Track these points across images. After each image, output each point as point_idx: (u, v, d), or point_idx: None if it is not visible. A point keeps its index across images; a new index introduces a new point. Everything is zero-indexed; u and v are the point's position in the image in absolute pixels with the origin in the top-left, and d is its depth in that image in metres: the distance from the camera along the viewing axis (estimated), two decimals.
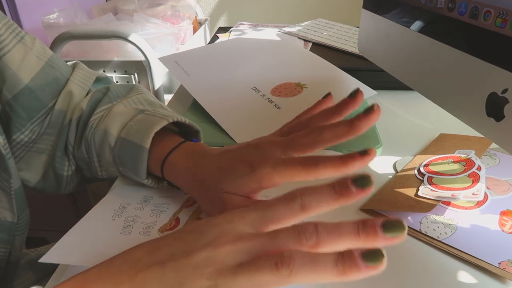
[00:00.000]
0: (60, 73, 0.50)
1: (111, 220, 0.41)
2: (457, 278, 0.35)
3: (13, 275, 0.52)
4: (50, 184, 0.51)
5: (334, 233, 0.25)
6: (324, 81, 0.65)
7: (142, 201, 0.45)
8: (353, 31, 0.90)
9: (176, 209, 0.43)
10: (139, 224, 0.41)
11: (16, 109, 0.46)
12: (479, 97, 0.37)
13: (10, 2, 1.13)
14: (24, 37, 0.47)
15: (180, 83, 0.73)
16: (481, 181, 0.42)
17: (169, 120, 0.44)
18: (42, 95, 0.48)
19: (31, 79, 0.47)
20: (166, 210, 0.43)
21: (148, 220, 0.41)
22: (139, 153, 0.42)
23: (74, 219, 0.41)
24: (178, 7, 1.28)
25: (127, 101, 0.49)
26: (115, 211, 0.43)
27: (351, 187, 0.27)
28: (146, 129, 0.42)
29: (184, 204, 0.44)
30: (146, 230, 0.40)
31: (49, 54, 0.49)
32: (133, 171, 0.43)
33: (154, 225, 0.40)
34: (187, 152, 0.42)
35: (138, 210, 0.43)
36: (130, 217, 0.42)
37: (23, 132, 0.47)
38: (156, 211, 0.43)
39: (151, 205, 0.44)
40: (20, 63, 0.46)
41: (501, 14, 0.34)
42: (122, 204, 0.44)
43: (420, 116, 0.62)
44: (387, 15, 0.52)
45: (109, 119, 0.46)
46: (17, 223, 0.48)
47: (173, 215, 0.42)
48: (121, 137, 0.44)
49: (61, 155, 0.49)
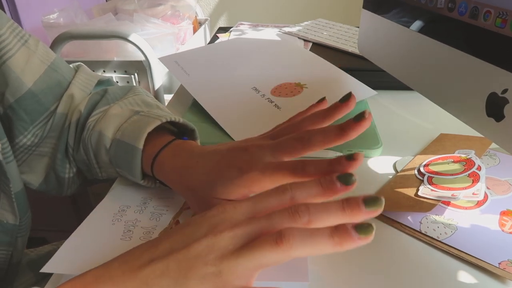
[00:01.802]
0: (63, 77, 0.50)
1: (111, 224, 0.41)
2: (457, 278, 0.35)
3: (14, 276, 0.52)
4: (52, 186, 0.51)
5: (323, 210, 0.27)
6: (324, 81, 0.65)
7: (141, 203, 0.44)
8: (353, 31, 0.90)
9: (176, 211, 0.43)
10: (139, 229, 0.40)
11: (19, 113, 0.46)
12: (479, 97, 0.37)
13: (10, 2, 1.13)
14: (28, 40, 0.47)
15: (180, 83, 0.73)
16: (481, 180, 0.42)
17: (162, 120, 0.43)
18: (44, 98, 0.48)
19: (34, 83, 0.47)
20: (166, 212, 0.43)
21: (148, 224, 0.41)
22: (133, 153, 0.42)
23: (74, 219, 0.41)
24: (178, 7, 1.28)
25: (123, 103, 0.49)
26: (114, 214, 0.43)
27: (336, 183, 0.29)
28: (140, 130, 0.43)
29: (183, 206, 0.44)
30: (146, 234, 0.40)
31: (52, 57, 0.50)
32: (129, 172, 0.43)
33: (155, 229, 0.40)
34: (175, 151, 0.42)
35: (137, 213, 0.43)
36: (130, 221, 0.42)
37: (25, 135, 0.48)
38: (156, 215, 0.43)
39: (150, 208, 0.44)
40: (23, 67, 0.46)
41: (501, 14, 0.34)
42: (121, 207, 0.44)
43: (420, 116, 0.62)
44: (387, 15, 0.52)
45: (105, 121, 0.46)
46: (19, 225, 0.48)
47: (172, 218, 0.42)
48: (116, 138, 0.44)
49: (62, 157, 0.49)
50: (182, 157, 0.40)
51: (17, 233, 0.48)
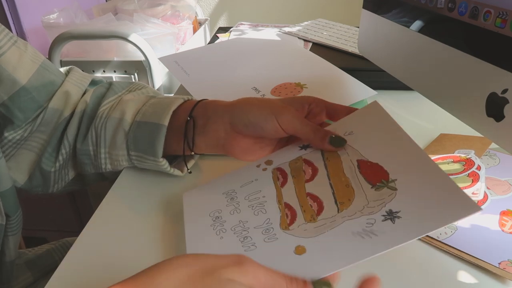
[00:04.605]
0: (55, 75, 0.50)
1: (219, 239, 0.36)
2: (457, 278, 0.35)
3: (10, 275, 0.51)
4: (37, 183, 0.51)
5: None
6: (324, 81, 0.65)
7: (229, 200, 0.40)
8: (353, 31, 0.90)
9: (273, 193, 0.39)
10: (255, 232, 0.36)
11: (13, 110, 0.46)
12: (479, 97, 0.37)
13: (10, 2, 1.13)
14: (17, 41, 0.48)
15: (180, 83, 0.73)
16: (481, 180, 0.42)
17: (185, 99, 0.47)
18: (38, 96, 0.48)
19: (28, 80, 0.47)
20: (263, 197, 0.39)
21: (259, 222, 0.37)
22: (157, 131, 0.44)
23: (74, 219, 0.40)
24: (178, 7, 1.28)
25: (136, 92, 0.51)
26: (213, 226, 0.38)
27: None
28: (163, 109, 0.45)
29: (275, 185, 0.40)
30: (267, 232, 0.36)
31: (42, 58, 0.50)
32: (148, 151, 0.45)
33: (271, 224, 0.36)
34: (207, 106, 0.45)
35: (236, 214, 0.38)
36: (236, 226, 0.37)
37: (16, 131, 0.48)
38: (256, 206, 0.38)
39: (243, 201, 0.39)
40: (15, 65, 0.46)
41: (501, 14, 0.34)
42: (213, 214, 0.39)
43: (420, 116, 0.62)
44: (387, 15, 0.52)
45: (121, 106, 0.47)
46: (10, 224, 0.48)
47: (278, 203, 0.38)
48: (136, 121, 0.46)
49: (52, 151, 0.49)
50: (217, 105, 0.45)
51: (8, 232, 0.48)
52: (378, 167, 0.37)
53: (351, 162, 0.39)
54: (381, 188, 0.35)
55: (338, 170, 0.39)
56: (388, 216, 0.32)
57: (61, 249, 0.61)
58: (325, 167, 0.40)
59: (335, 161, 0.40)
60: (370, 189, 0.35)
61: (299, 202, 0.37)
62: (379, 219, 0.32)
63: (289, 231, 0.35)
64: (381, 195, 0.34)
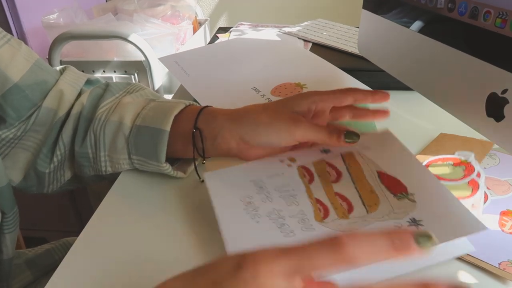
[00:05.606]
0: (49, 74, 0.50)
1: (256, 224, 0.36)
2: (457, 278, 0.35)
3: (8, 274, 0.51)
4: (31, 182, 0.50)
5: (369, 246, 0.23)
6: (324, 81, 0.65)
7: (259, 188, 0.40)
8: (353, 31, 0.90)
9: (302, 188, 0.40)
10: (291, 220, 0.36)
11: (5, 108, 0.46)
12: (479, 97, 0.37)
13: (10, 2, 1.13)
14: (11, 40, 0.47)
15: (180, 83, 0.73)
16: (481, 188, 0.42)
17: (186, 104, 0.46)
18: (32, 94, 0.47)
19: (21, 78, 0.46)
20: (293, 190, 0.39)
21: (293, 212, 0.37)
22: (159, 136, 0.43)
23: (74, 219, 0.40)
24: (178, 7, 1.28)
25: (134, 95, 0.50)
26: (246, 211, 0.38)
27: (412, 244, 0.23)
28: (164, 113, 0.44)
29: (303, 181, 0.41)
30: (303, 222, 0.36)
31: (36, 57, 0.50)
32: (151, 156, 0.44)
33: (305, 215, 0.37)
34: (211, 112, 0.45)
35: (268, 203, 0.38)
36: (271, 213, 0.37)
37: (10, 129, 0.47)
38: (287, 197, 0.39)
39: (273, 191, 0.40)
40: (8, 62, 0.45)
41: (501, 14, 0.34)
42: (244, 198, 0.39)
43: (420, 116, 0.62)
44: (387, 15, 0.52)
45: (120, 109, 0.46)
46: (6, 221, 0.48)
47: (309, 198, 0.39)
48: (136, 125, 0.45)
49: (47, 152, 0.49)
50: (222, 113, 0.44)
51: (4, 230, 0.48)
52: (397, 180, 0.39)
53: (372, 171, 0.41)
54: (403, 199, 0.37)
55: (361, 176, 0.41)
56: (413, 223, 0.35)
57: (61, 249, 0.61)
58: (348, 172, 0.42)
59: (356, 168, 0.42)
60: (392, 197, 0.38)
61: (329, 200, 0.39)
62: (405, 224, 0.35)
63: (325, 224, 0.36)
64: (403, 204, 0.37)
